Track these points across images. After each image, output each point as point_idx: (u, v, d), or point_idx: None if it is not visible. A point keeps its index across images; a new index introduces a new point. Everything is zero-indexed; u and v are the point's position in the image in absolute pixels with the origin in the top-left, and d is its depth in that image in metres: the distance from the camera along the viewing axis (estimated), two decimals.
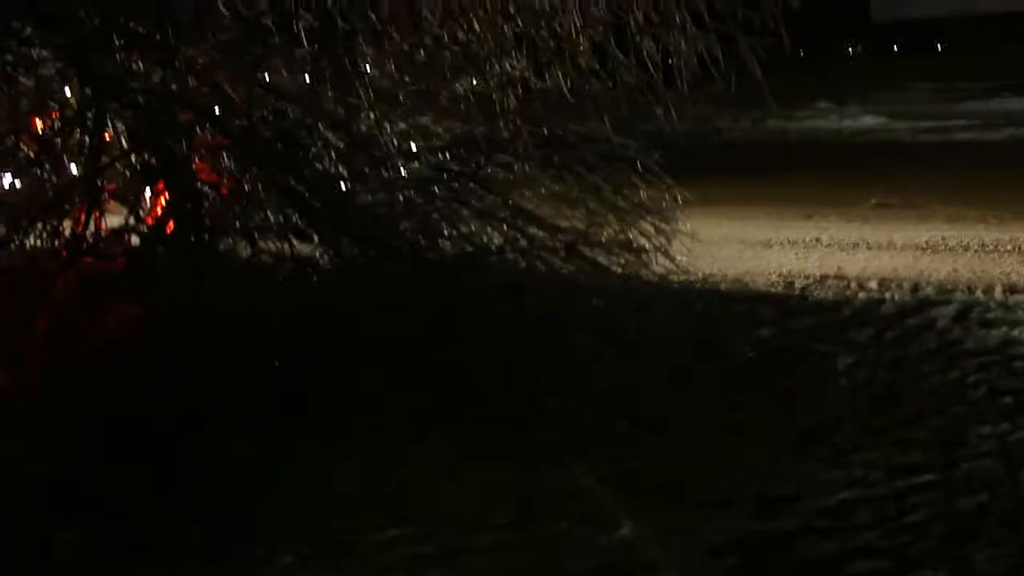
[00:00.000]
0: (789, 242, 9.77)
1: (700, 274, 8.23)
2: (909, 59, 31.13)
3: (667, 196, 7.47)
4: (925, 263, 8.75)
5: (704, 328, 6.97)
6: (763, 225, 10.49)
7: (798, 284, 8.31)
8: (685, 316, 7.02)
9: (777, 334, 7.13)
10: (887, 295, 7.81)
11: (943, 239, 9.48)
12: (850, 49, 37.06)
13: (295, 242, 6.23)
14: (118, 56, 6.50)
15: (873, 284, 8.14)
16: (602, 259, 6.65)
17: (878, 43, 35.66)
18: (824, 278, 8.43)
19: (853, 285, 8.16)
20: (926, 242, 9.44)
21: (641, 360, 5.99)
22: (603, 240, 6.75)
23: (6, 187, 6.76)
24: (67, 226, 6.26)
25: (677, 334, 6.58)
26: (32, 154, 6.60)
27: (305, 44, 6.50)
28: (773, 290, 8.21)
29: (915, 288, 7.94)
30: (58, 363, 5.73)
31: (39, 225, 6.20)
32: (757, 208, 11.21)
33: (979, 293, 7.70)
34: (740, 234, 10.05)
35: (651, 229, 7.20)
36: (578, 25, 6.46)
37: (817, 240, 9.81)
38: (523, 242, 6.54)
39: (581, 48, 6.53)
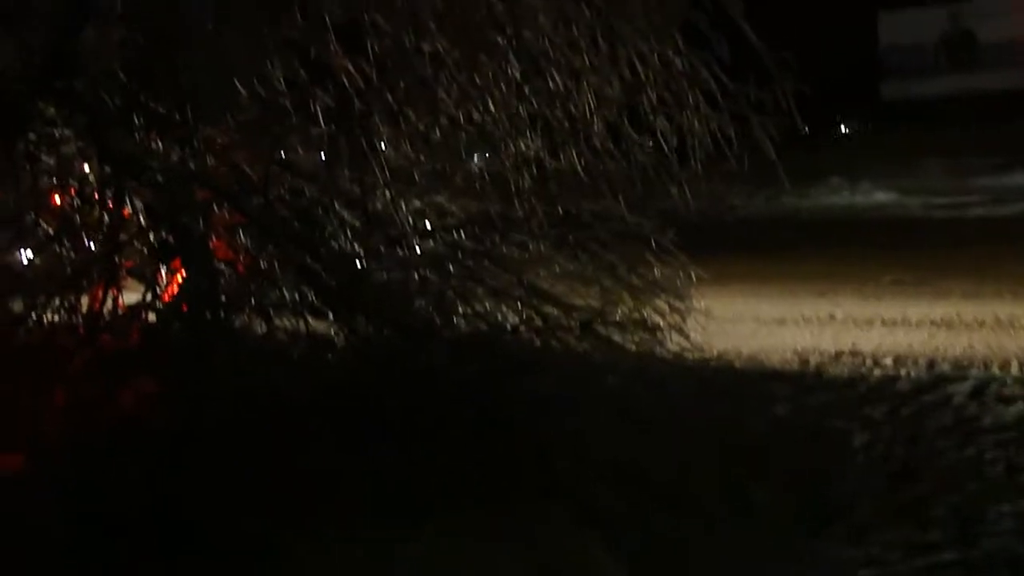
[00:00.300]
0: (803, 319, 9.77)
1: (715, 351, 8.23)
2: (920, 135, 31.25)
3: (681, 274, 7.50)
4: (940, 339, 8.74)
5: (719, 406, 6.95)
6: (777, 302, 10.50)
7: (813, 361, 8.30)
8: (700, 394, 7.00)
9: (792, 411, 7.11)
10: (902, 371, 7.80)
11: (958, 315, 9.47)
12: (860, 126, 37.28)
13: (310, 320, 6.26)
14: (138, 135, 6.60)
15: (888, 360, 8.13)
16: (617, 337, 6.67)
17: (888, 119, 35.83)
18: (839, 355, 8.42)
19: (868, 362, 8.15)
20: (941, 318, 9.43)
21: (656, 438, 5.97)
22: (618, 318, 6.76)
23: (24, 262, 6.83)
24: (84, 302, 6.31)
25: (692, 412, 6.56)
26: (51, 231, 6.68)
27: (322, 123, 6.60)
28: (788, 367, 8.20)
29: (931, 364, 7.93)
30: (73, 440, 5.74)
31: (56, 301, 6.24)
32: (771, 285, 11.23)
33: (995, 369, 7.68)
34: (754, 311, 10.06)
35: (665, 307, 7.22)
36: (592, 106, 6.53)
37: (831, 316, 9.81)
38: (538, 321, 6.55)
39: (595, 128, 6.59)
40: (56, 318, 6.25)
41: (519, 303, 6.70)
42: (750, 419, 6.81)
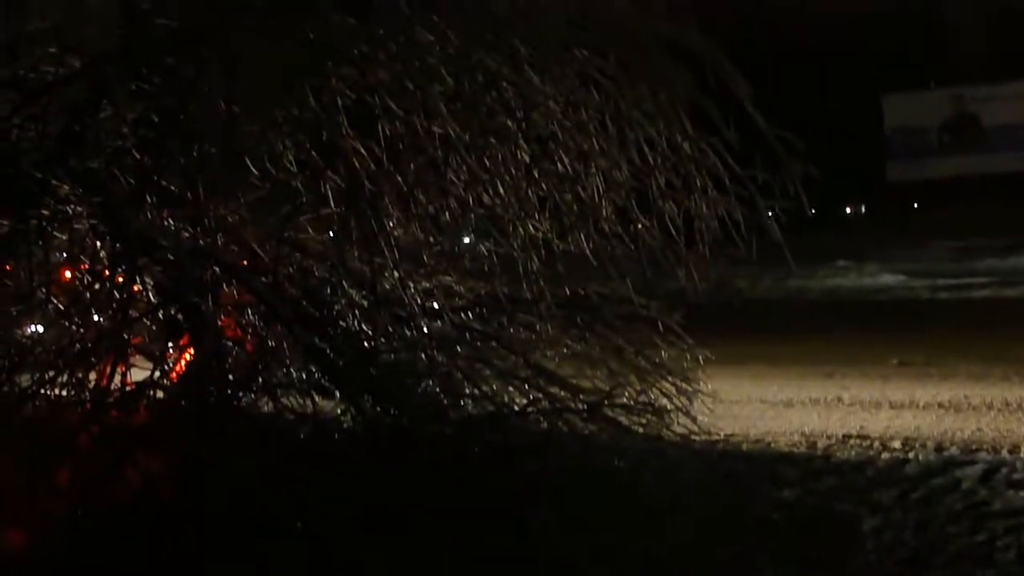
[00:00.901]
0: (811, 401, 9.74)
1: (722, 434, 8.19)
2: (925, 216, 31.42)
3: (688, 356, 7.51)
4: (949, 422, 8.69)
5: (727, 489, 6.91)
6: (784, 384, 10.48)
7: (820, 444, 8.24)
8: (707, 477, 6.96)
9: (801, 495, 7.05)
10: (911, 455, 7.74)
11: (966, 397, 9.43)
12: (866, 207, 37.48)
13: (317, 399, 6.26)
14: (149, 213, 6.65)
15: (896, 444, 8.07)
16: (624, 419, 6.66)
17: (894, 201, 36.04)
18: (847, 438, 8.37)
19: (876, 445, 8.09)
20: (949, 400, 9.39)
21: (663, 521, 5.94)
22: (625, 400, 6.76)
23: (33, 336, 6.85)
24: (92, 378, 6.31)
25: (700, 495, 6.52)
26: (61, 305, 6.70)
27: (332, 203, 6.65)
28: (796, 450, 8.14)
29: (939, 448, 7.87)
30: (76, 517, 5.71)
31: (64, 376, 6.24)
32: (778, 367, 11.22)
33: (1005, 453, 7.63)
34: (762, 393, 10.04)
35: (672, 389, 7.22)
36: (601, 189, 6.59)
37: (839, 399, 9.78)
38: (545, 402, 6.55)
39: (604, 211, 6.63)
40: (63, 393, 6.23)
41: (526, 384, 6.71)
42: (758, 503, 6.75)
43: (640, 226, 6.68)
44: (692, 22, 6.29)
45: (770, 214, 6.61)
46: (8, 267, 6.39)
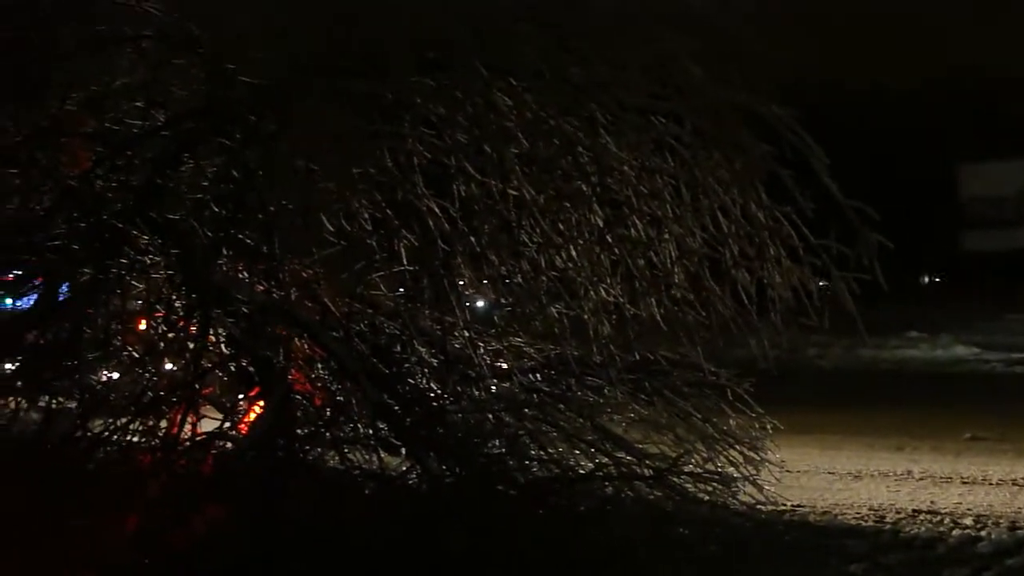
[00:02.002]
0: (880, 474, 9.60)
1: (789, 505, 8.09)
2: (1001, 288, 30.96)
3: (756, 425, 7.44)
4: (1022, 500, 8.52)
5: (792, 562, 6.81)
6: (853, 456, 10.34)
7: (889, 518, 8.11)
8: (773, 548, 6.87)
9: (868, 571, 6.93)
10: (983, 532, 7.59)
11: None
12: (941, 278, 37.05)
13: (383, 455, 6.29)
14: (225, 266, 6.75)
15: (968, 521, 7.91)
16: (690, 487, 6.60)
17: (970, 271, 35.57)
18: (916, 513, 8.22)
19: (947, 521, 7.94)
20: (1023, 478, 9.21)
21: None
22: (692, 468, 6.71)
23: (106, 382, 6.96)
24: (163, 426, 6.38)
25: (765, 567, 6.44)
26: (136, 354, 6.80)
27: (405, 262, 6.71)
28: (863, 523, 8.01)
29: (1013, 526, 7.72)
30: (142, 564, 5.76)
31: (136, 423, 6.32)
32: (847, 438, 11.08)
33: None
34: (830, 464, 9.91)
35: (740, 458, 7.16)
36: (674, 255, 6.58)
37: (909, 473, 9.62)
38: (611, 467, 6.52)
39: (676, 278, 6.62)
40: (134, 440, 6.31)
41: (592, 448, 6.69)
42: None
43: (712, 293, 6.64)
44: (769, 92, 6.30)
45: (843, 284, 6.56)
46: (89, 312, 6.50)
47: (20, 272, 6.75)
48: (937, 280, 37.04)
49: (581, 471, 6.57)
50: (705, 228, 6.58)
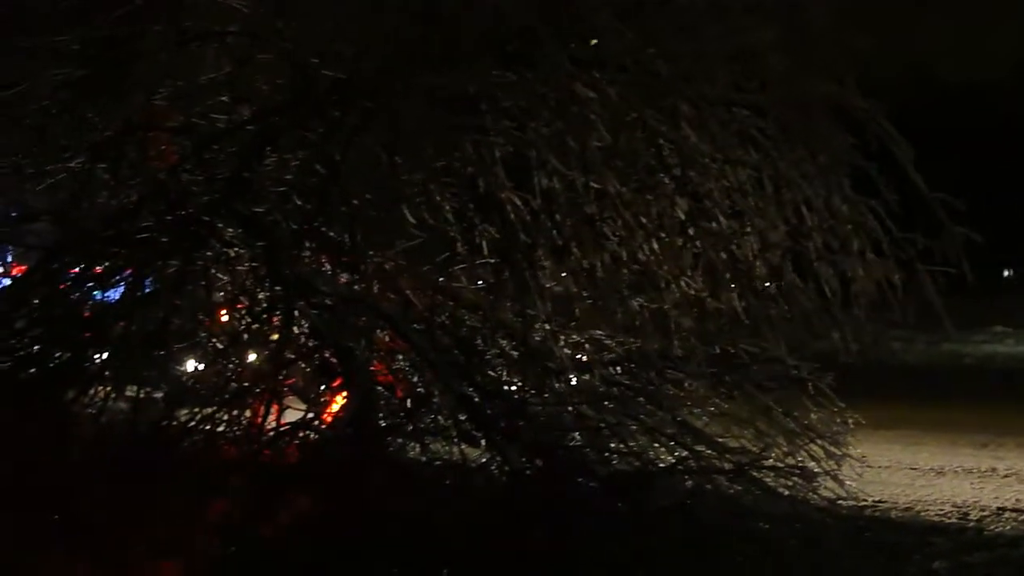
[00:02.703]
0: (963, 471, 9.46)
1: (870, 500, 8.00)
2: None
3: (838, 419, 7.37)
4: None
5: (874, 559, 6.74)
6: (936, 452, 10.20)
7: (973, 516, 7.99)
8: (854, 545, 6.80)
9: (951, 569, 6.83)
10: None
11: None
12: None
13: (464, 446, 6.31)
14: (308, 258, 6.83)
15: None
16: (770, 481, 6.56)
17: None
18: (1001, 511, 8.09)
19: None
20: None
21: None
22: (772, 462, 6.66)
23: (191, 372, 7.07)
24: (247, 416, 6.46)
25: (845, 563, 6.38)
26: (220, 345, 6.90)
27: (487, 254, 6.74)
28: (946, 521, 7.90)
29: None
30: (228, 554, 5.84)
31: (221, 414, 6.40)
32: (930, 434, 10.93)
33: None
34: (912, 460, 9.78)
35: (821, 452, 7.10)
36: (756, 248, 6.54)
37: (993, 470, 9.47)
38: (691, 461, 6.49)
39: (758, 271, 6.58)
40: (219, 430, 6.39)
41: (673, 442, 6.66)
42: (907, 575, 6.57)
43: (795, 287, 6.59)
44: (854, 84, 6.24)
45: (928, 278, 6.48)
46: (175, 304, 6.60)
47: (108, 264, 6.86)
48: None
49: (661, 465, 6.55)
50: (788, 221, 6.54)
